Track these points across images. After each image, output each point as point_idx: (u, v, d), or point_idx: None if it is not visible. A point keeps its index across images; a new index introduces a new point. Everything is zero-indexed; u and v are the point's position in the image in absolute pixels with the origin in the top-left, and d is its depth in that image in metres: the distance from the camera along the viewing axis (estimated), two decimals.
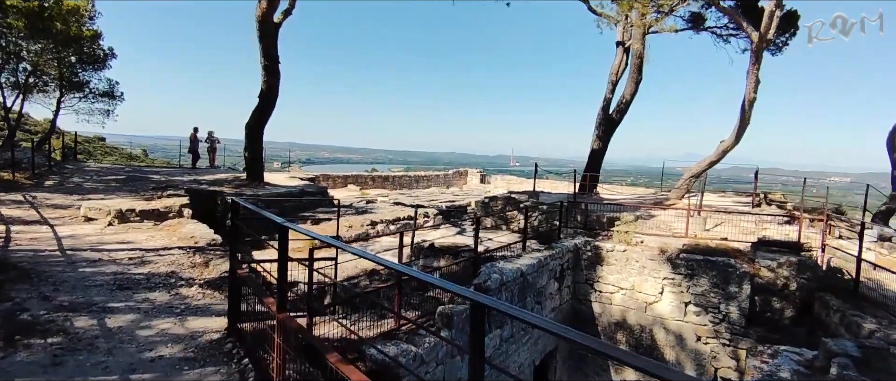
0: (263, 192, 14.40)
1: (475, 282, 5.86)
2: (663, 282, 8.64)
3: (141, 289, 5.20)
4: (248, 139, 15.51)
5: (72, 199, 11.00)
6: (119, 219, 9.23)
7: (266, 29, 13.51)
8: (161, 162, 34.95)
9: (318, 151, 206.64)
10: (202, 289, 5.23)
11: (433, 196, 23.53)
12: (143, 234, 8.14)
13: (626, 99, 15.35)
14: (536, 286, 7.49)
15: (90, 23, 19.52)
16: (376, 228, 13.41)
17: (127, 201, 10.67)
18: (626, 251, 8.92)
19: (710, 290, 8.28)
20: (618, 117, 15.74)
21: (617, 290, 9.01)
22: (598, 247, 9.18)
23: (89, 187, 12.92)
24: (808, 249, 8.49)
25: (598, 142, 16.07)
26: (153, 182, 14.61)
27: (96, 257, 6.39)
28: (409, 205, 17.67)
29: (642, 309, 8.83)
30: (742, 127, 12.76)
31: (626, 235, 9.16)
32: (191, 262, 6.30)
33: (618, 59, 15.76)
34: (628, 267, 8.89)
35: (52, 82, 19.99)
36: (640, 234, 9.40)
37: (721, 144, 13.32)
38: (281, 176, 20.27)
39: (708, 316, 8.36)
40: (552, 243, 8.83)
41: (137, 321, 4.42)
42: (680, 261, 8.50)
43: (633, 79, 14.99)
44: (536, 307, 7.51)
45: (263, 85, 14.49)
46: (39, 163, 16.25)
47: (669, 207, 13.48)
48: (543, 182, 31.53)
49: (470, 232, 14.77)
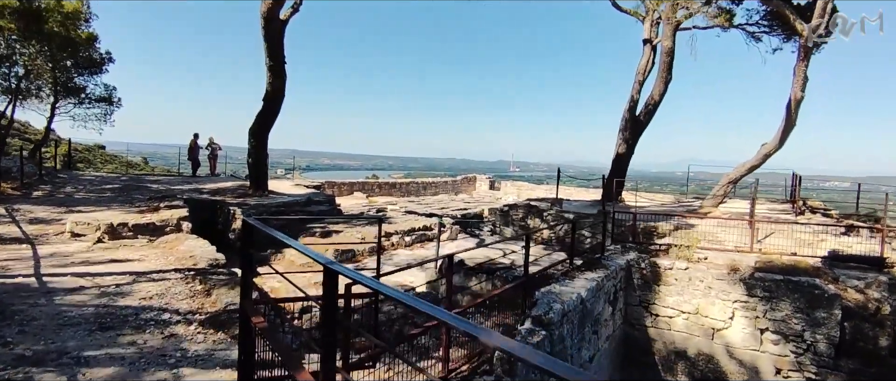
0: (268, 201, 13.44)
1: (533, 314, 4.89)
2: (734, 305, 7.60)
3: (127, 328, 4.20)
4: (252, 145, 14.55)
5: (60, 212, 10.02)
6: (110, 234, 8.24)
7: (271, 26, 12.59)
8: (161, 170, 34.01)
9: (317, 157, 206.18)
10: (203, 328, 4.23)
11: (444, 204, 22.55)
12: (136, 252, 7.15)
13: (654, 99, 14.41)
14: (593, 314, 6.48)
15: (86, 26, 18.67)
16: (391, 240, 12.41)
17: (120, 213, 9.69)
18: (688, 269, 7.89)
19: (792, 315, 7.25)
20: (645, 119, 14.78)
21: (677, 314, 7.98)
22: (655, 264, 8.15)
23: (80, 198, 11.95)
24: (890, 265, 7.49)
25: (624, 145, 15.09)
26: (151, 192, 13.63)
27: (78, 283, 5.40)
28: (423, 214, 16.69)
29: (708, 336, 7.79)
30: (787, 129, 11.79)
31: (687, 250, 8.14)
32: (189, 289, 5.30)
33: (645, 57, 14.82)
34: (691, 288, 7.86)
35: (47, 87, 19.11)
36: (704, 249, 8.37)
37: (762, 148, 12.33)
38: (285, 184, 19.31)
39: (789, 346, 7.31)
40: (599, 259, 7.81)
41: (120, 378, 3.42)
42: (754, 281, 7.48)
43: (663, 78, 14.04)
44: (593, 337, 6.50)
45: (268, 87, 13.55)
46: (30, 172, 15.30)
47: (706, 215, 12.47)
48: (546, 188, 30.55)
49: (490, 243, 13.73)
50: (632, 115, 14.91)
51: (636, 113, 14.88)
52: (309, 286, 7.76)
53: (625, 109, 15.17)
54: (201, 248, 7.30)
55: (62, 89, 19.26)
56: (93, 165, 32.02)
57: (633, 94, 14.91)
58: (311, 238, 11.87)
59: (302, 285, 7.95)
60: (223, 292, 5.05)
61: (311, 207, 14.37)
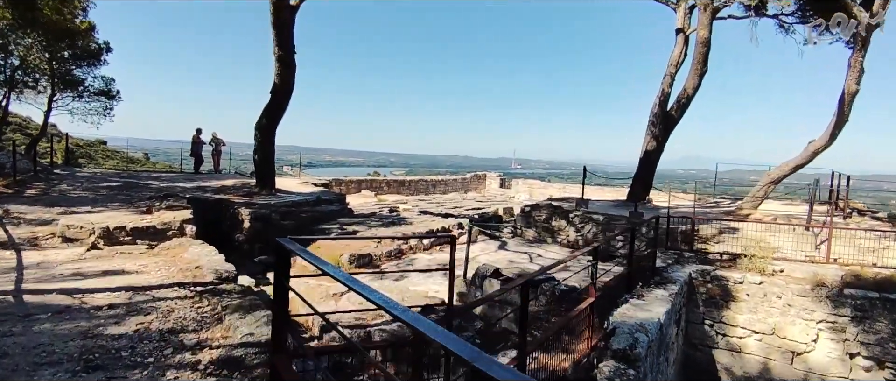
0: (276, 201, 12.59)
1: (614, 347, 4.05)
2: (818, 326, 6.72)
3: (119, 369, 3.36)
4: (259, 141, 13.70)
5: (53, 212, 9.18)
6: (105, 239, 7.41)
7: (281, 14, 11.71)
8: (163, 166, 33.25)
9: (319, 154, 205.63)
10: (215, 369, 3.38)
11: (456, 203, 21.68)
12: (134, 261, 6.32)
13: (687, 93, 13.49)
14: (667, 339, 5.63)
15: (83, 15, 17.80)
16: (410, 242, 11.56)
17: (118, 214, 8.86)
18: (762, 284, 7.02)
19: (890, 338, 6.40)
20: (677, 114, 13.86)
21: (749, 334, 7.10)
22: (723, 278, 7.25)
23: (76, 198, 11.12)
24: None
25: (653, 142, 14.19)
26: (152, 190, 12.80)
27: (64, 302, 4.57)
28: (438, 214, 15.84)
29: (787, 360, 6.89)
30: (838, 125, 10.91)
31: (761, 261, 7.26)
32: (196, 312, 4.46)
33: (678, 48, 13.90)
34: (766, 304, 6.98)
35: (44, 79, 18.28)
36: (780, 260, 7.46)
37: (810, 145, 11.44)
38: (292, 182, 18.47)
39: (884, 373, 6.45)
40: (659, 271, 6.92)
41: None
42: (844, 298, 6.62)
43: (697, 70, 13.11)
44: (664, 366, 5.65)
45: (276, 79, 12.69)
46: (25, 168, 14.47)
47: (746, 218, 11.60)
48: (559, 187, 29.64)
49: (513, 247, 12.94)
50: (662, 110, 14.00)
51: (668, 108, 13.98)
52: (325, 300, 6.93)
53: (654, 103, 14.26)
54: (208, 256, 6.46)
55: (60, 81, 18.44)
56: (94, 160, 31.29)
57: (663, 87, 14.00)
58: (326, 241, 11.03)
59: (317, 298, 7.11)
60: (238, 319, 4.20)
61: (322, 206, 13.53)
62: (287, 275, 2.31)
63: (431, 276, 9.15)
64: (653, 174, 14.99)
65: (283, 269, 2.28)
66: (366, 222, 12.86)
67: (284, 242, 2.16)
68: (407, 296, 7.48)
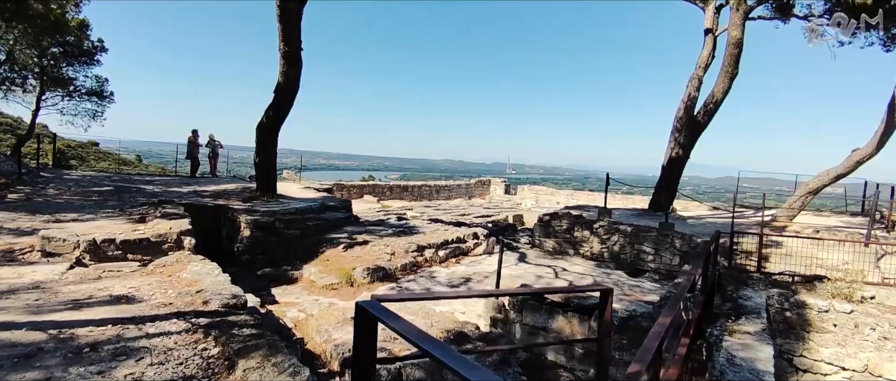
0: (279, 207, 11.70)
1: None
2: None
3: None
4: (261, 143, 12.82)
5: (37, 221, 8.26)
6: (92, 254, 6.51)
7: (288, 6, 10.87)
8: (156, 168, 32.15)
9: (313, 157, 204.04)
10: None
11: (462, 210, 20.84)
12: (124, 283, 5.42)
13: (716, 97, 12.75)
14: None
15: (75, 11, 16.85)
16: (425, 254, 10.72)
17: (108, 223, 7.95)
18: (852, 313, 6.25)
19: None
20: (704, 120, 13.11)
21: (836, 371, 6.28)
22: (804, 305, 6.45)
23: (62, 203, 10.18)
24: None
25: (679, 149, 13.43)
26: (146, 195, 11.88)
27: (36, 341, 3.68)
28: (449, 223, 14.99)
29: None
30: (887, 132, 10.20)
31: (849, 287, 6.46)
32: (200, 355, 3.59)
33: (707, 49, 13.17)
34: (858, 337, 6.18)
35: (31, 76, 17.30)
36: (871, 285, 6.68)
37: (854, 154, 10.73)
38: (293, 186, 17.55)
39: None
40: (725, 294, 6.14)
41: None
42: None
43: (728, 73, 12.39)
44: None
45: (281, 77, 11.81)
46: (9, 170, 13.49)
47: (782, 231, 10.86)
48: (566, 194, 28.89)
49: (534, 259, 12.09)
50: (688, 115, 13.26)
51: (694, 113, 13.24)
52: (342, 324, 6.07)
53: (679, 108, 13.52)
54: (210, 276, 5.58)
55: (48, 79, 17.48)
56: (86, 162, 30.10)
57: (690, 91, 13.27)
58: (334, 250, 10.17)
59: (332, 322, 6.23)
60: (255, 366, 3.33)
61: (328, 214, 12.66)
62: (373, 354, 1.46)
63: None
64: (677, 183, 14.25)
65: (367, 346, 1.43)
66: (376, 232, 11.99)
67: (369, 307, 1.32)
68: (434, 320, 6.62)
